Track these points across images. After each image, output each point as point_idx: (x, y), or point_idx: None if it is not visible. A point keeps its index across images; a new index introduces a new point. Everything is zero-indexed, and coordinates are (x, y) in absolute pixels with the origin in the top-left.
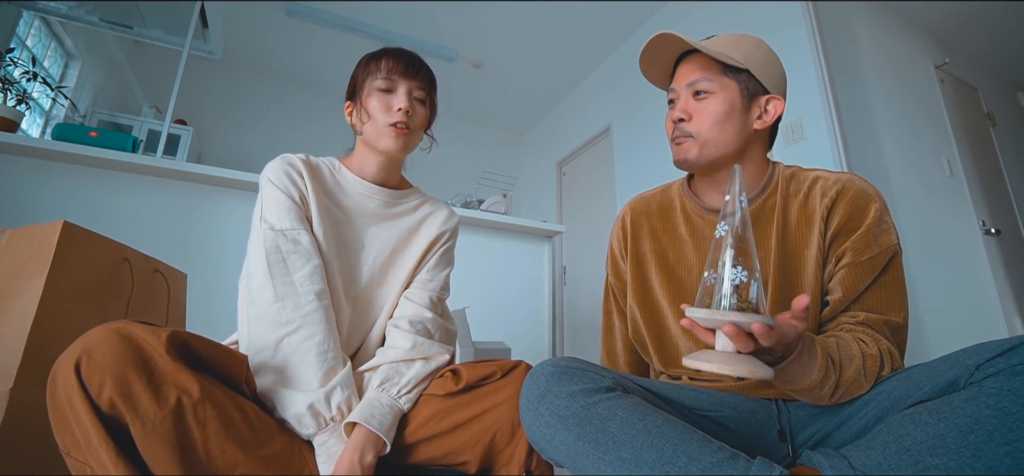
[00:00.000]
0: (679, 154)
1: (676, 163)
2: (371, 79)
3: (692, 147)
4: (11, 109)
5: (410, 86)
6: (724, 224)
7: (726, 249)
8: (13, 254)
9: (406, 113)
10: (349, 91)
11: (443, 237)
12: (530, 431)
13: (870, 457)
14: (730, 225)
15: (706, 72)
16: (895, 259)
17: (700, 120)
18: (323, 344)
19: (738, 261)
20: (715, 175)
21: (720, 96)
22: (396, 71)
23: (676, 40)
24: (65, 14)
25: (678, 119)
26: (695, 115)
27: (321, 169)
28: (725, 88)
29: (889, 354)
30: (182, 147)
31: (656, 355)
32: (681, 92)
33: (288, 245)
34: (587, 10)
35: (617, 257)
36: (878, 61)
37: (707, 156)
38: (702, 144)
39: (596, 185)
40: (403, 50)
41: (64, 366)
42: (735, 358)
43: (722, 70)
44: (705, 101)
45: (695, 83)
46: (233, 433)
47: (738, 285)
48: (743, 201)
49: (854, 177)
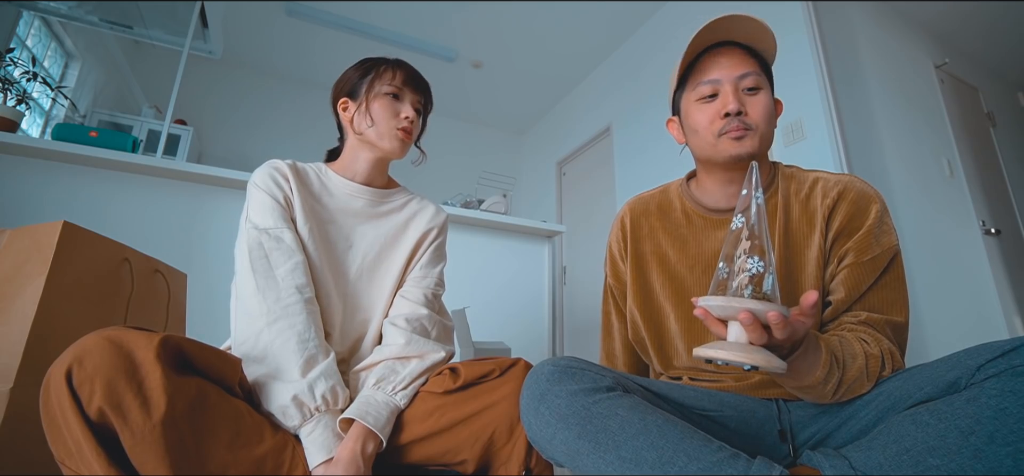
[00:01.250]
0: (739, 147)
1: (735, 157)
2: (379, 83)
3: (754, 141)
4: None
5: (415, 98)
6: (741, 216)
7: (743, 241)
8: (13, 254)
9: (412, 122)
10: (346, 89)
11: (431, 233)
12: (530, 430)
13: (870, 457)
14: (746, 218)
15: (754, 67)
16: (896, 259)
17: (756, 114)
18: (303, 334)
19: (754, 252)
20: (729, 174)
21: (766, 91)
22: (408, 83)
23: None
24: (65, 14)
25: (737, 112)
26: (751, 109)
27: (307, 173)
28: (766, 86)
29: (890, 354)
30: (182, 147)
31: (656, 356)
32: (727, 85)
33: (270, 242)
34: (587, 10)
35: (616, 259)
36: (878, 61)
37: (762, 151)
38: (760, 138)
39: (596, 185)
40: (409, 64)
41: (56, 374)
42: (749, 348)
43: (762, 67)
44: (757, 96)
45: (747, 77)
46: (225, 435)
47: (754, 275)
48: (759, 196)
49: (854, 178)
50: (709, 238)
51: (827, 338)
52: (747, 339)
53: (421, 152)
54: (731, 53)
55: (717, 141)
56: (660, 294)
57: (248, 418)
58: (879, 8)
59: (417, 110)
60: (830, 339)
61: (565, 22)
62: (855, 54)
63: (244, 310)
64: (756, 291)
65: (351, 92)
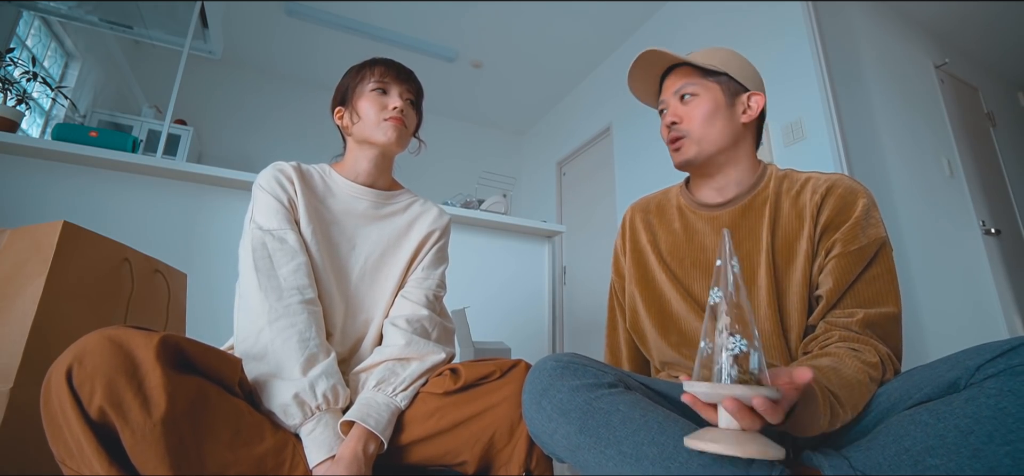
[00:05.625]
0: (679, 156)
1: (678, 165)
2: (362, 84)
3: (690, 146)
4: (11, 109)
5: (401, 89)
6: (718, 290)
7: (721, 316)
8: (13, 254)
9: (401, 110)
10: (338, 99)
11: (434, 235)
12: (532, 425)
13: (870, 457)
14: (723, 291)
15: (689, 78)
16: (883, 250)
17: (690, 119)
18: (305, 333)
19: (735, 329)
20: (712, 173)
21: (705, 96)
22: (388, 76)
23: (660, 55)
24: (65, 14)
25: (671, 123)
26: (685, 116)
27: (311, 175)
28: (708, 90)
29: (889, 358)
30: (182, 147)
31: (657, 330)
32: (670, 101)
33: (274, 243)
34: (587, 10)
35: (619, 255)
36: (878, 61)
37: (705, 152)
38: (698, 141)
39: (596, 185)
40: (391, 59)
41: (57, 374)
42: (742, 437)
43: (703, 75)
44: (692, 102)
45: (681, 89)
46: (225, 434)
47: (737, 356)
48: (735, 266)
49: (843, 176)
50: (699, 232)
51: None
52: (738, 424)
53: (420, 142)
54: (675, 74)
55: (670, 150)
56: (658, 273)
57: (248, 417)
58: (879, 8)
59: (408, 100)
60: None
61: (565, 22)
62: (855, 54)
63: (246, 308)
64: (742, 372)
65: (342, 99)
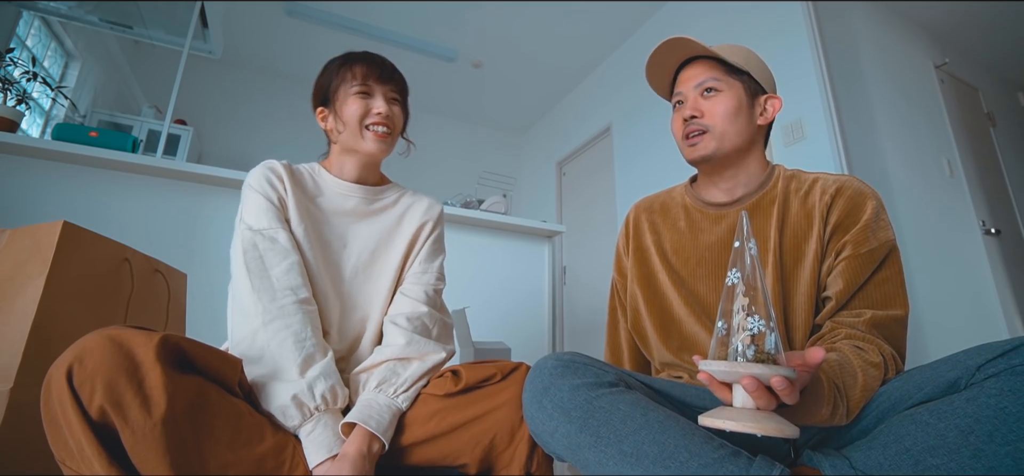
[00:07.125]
0: (695, 151)
1: (692, 160)
2: (345, 86)
3: (709, 142)
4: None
5: (385, 90)
6: (736, 271)
7: (738, 297)
8: (13, 254)
9: (386, 117)
10: (319, 97)
11: (426, 226)
12: (533, 424)
13: (871, 457)
14: (742, 272)
15: (714, 72)
16: (892, 253)
17: (713, 115)
18: (300, 334)
19: (752, 310)
20: (723, 172)
21: (729, 93)
22: (371, 77)
23: (687, 44)
24: (65, 14)
25: (690, 116)
26: (707, 111)
27: (302, 173)
28: (732, 87)
29: (892, 358)
30: (182, 147)
31: (658, 334)
32: (689, 93)
33: (265, 243)
34: (587, 10)
35: (621, 253)
36: (878, 61)
37: (723, 149)
38: (719, 137)
39: (596, 185)
40: (373, 55)
41: (57, 374)
42: (757, 415)
43: (727, 71)
44: (715, 98)
45: (705, 82)
46: (225, 435)
47: (755, 335)
48: (752, 247)
49: (852, 178)
50: (705, 231)
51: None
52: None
53: (408, 142)
54: (696, 64)
55: (684, 145)
56: (661, 274)
57: (248, 417)
58: (879, 8)
59: (392, 100)
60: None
61: (565, 22)
62: (855, 54)
63: (240, 310)
64: (759, 352)
65: (324, 100)
